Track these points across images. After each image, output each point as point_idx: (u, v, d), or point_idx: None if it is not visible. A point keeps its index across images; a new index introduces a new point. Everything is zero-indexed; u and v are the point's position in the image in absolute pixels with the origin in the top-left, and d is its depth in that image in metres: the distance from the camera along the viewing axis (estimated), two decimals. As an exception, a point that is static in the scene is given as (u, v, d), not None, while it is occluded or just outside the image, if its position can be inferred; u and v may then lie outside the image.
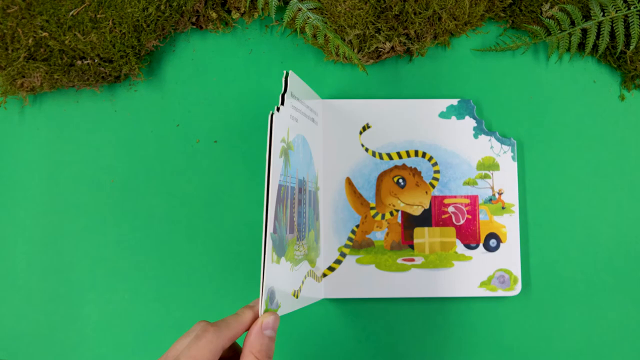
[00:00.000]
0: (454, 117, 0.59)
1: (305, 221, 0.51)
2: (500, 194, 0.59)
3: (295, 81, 0.47)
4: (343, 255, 0.58)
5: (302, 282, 0.49)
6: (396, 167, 0.59)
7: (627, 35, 0.59)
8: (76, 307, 0.58)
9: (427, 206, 0.59)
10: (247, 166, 0.59)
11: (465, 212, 0.59)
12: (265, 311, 0.40)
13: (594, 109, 0.61)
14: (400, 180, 0.59)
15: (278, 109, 0.43)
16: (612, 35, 0.59)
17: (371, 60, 0.59)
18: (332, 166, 0.58)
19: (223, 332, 0.39)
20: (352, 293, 0.58)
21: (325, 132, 0.58)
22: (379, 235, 0.58)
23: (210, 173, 0.59)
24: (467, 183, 0.59)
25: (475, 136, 0.59)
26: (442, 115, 0.59)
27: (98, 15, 0.54)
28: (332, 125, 0.58)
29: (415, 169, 0.59)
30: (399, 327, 0.60)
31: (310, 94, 0.54)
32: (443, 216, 0.59)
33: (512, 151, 0.59)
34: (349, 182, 0.58)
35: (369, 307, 0.60)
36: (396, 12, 0.57)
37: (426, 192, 0.59)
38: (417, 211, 0.59)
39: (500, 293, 0.57)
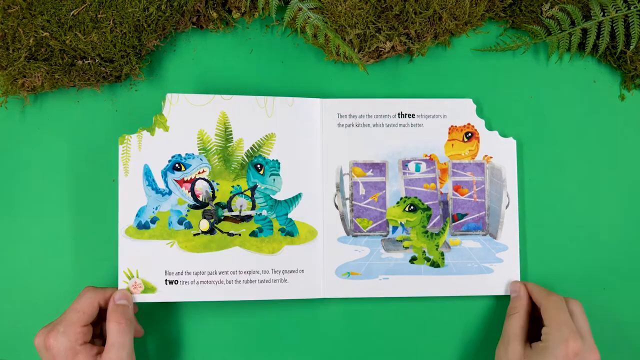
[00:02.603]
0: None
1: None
2: None
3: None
4: None
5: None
6: None
7: (627, 35, 0.59)
8: (77, 307, 0.58)
9: None
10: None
11: None
12: (127, 290, 0.54)
13: (594, 109, 0.62)
14: None
15: None
16: (612, 35, 0.59)
17: (371, 60, 0.59)
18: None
19: (98, 292, 0.52)
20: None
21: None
22: None
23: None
24: None
25: None
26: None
27: (99, 15, 0.54)
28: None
29: None
30: (399, 326, 0.60)
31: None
32: None
33: None
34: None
35: (370, 305, 0.60)
36: (397, 12, 0.57)
37: None
38: None
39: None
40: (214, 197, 0.56)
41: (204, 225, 0.55)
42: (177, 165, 0.55)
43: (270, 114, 0.57)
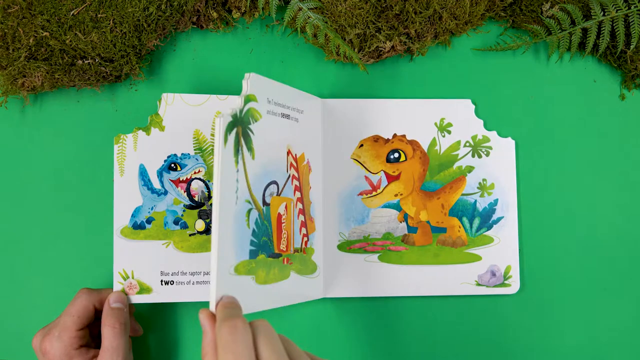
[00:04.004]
0: None
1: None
2: None
3: None
4: None
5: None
6: None
7: (628, 35, 0.59)
8: (77, 307, 0.58)
9: None
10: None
11: None
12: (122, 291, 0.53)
13: (594, 109, 0.61)
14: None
15: None
16: (613, 34, 0.59)
17: (372, 60, 0.59)
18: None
19: (93, 294, 0.51)
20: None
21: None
22: None
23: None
24: None
25: None
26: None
27: (99, 15, 0.55)
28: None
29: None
30: (399, 325, 0.60)
31: None
32: None
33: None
34: None
35: (369, 305, 0.60)
36: (397, 12, 0.57)
37: None
38: None
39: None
40: (209, 197, 0.56)
41: (200, 225, 0.55)
42: (172, 165, 0.55)
43: None
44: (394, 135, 0.59)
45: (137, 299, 0.53)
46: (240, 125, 0.47)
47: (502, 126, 0.61)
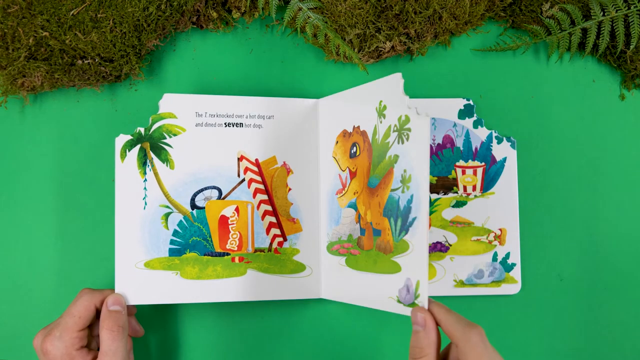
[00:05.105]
0: None
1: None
2: None
3: None
4: None
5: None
6: None
7: (627, 35, 0.59)
8: (77, 307, 0.58)
9: None
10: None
11: None
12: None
13: (594, 109, 0.62)
14: None
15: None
16: (612, 34, 0.59)
17: (371, 60, 0.59)
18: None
19: (95, 294, 0.51)
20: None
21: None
22: None
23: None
24: None
25: None
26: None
27: (99, 15, 0.54)
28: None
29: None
30: (400, 326, 0.60)
31: None
32: None
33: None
34: None
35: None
36: (396, 12, 0.57)
37: None
38: None
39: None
40: None
41: None
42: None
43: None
44: (354, 128, 0.53)
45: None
46: (147, 142, 0.53)
47: (502, 126, 0.61)
